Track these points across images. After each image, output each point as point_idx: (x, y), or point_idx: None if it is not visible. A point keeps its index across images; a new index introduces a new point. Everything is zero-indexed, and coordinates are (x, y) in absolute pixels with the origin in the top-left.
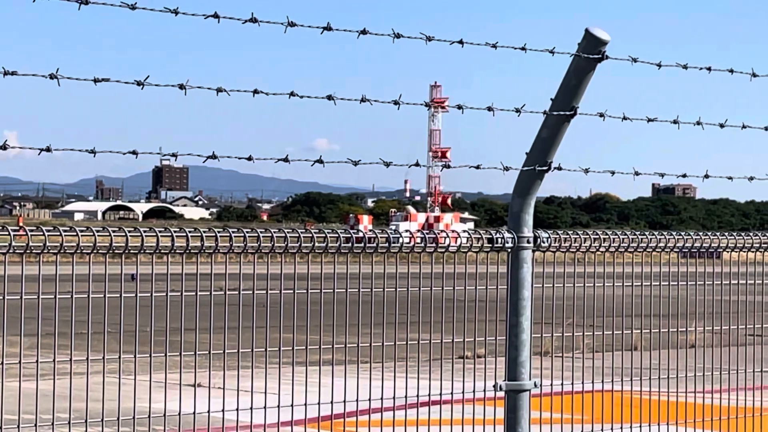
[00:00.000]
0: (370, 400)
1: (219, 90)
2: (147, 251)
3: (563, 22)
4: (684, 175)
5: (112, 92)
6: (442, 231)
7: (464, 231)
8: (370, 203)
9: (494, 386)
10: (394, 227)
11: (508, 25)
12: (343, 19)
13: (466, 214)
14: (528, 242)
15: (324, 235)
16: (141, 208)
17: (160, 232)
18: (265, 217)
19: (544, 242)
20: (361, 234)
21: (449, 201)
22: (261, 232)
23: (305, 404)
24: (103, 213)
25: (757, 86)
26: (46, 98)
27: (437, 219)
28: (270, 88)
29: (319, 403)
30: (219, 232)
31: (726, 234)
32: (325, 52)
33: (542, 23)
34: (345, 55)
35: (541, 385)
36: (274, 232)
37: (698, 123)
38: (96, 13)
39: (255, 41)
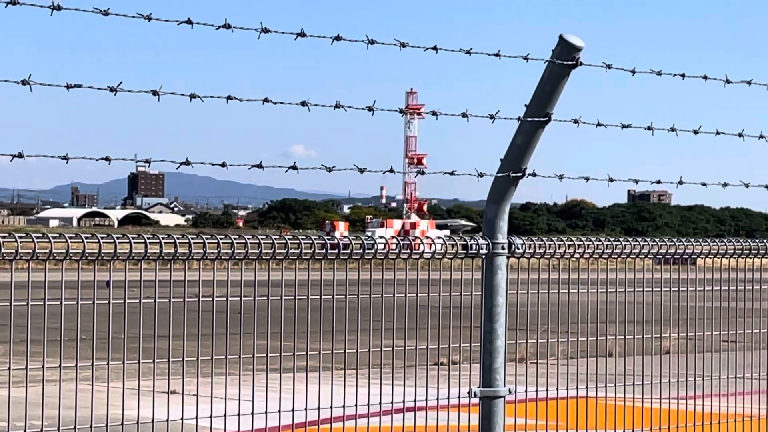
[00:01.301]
0: (344, 407)
1: (192, 96)
2: (120, 258)
3: (538, 28)
4: (658, 182)
5: (87, 98)
6: (416, 237)
7: (439, 237)
8: (346, 210)
9: (469, 393)
10: (370, 233)
11: (482, 32)
12: (318, 26)
13: (464, 221)
14: (502, 249)
15: (298, 241)
16: (116, 214)
17: (133, 238)
18: (240, 224)
19: (518, 249)
20: (335, 240)
21: (425, 207)
22: (235, 238)
23: (279, 411)
24: (79, 219)
25: (730, 93)
26: (20, 104)
27: (413, 225)
28: (244, 94)
29: (293, 410)
30: (193, 238)
31: (701, 240)
32: (299, 57)
33: (517, 29)
34: (320, 61)
35: (515, 392)
36: (248, 238)
37: (672, 129)
38: (69, 19)
39: (229, 47)
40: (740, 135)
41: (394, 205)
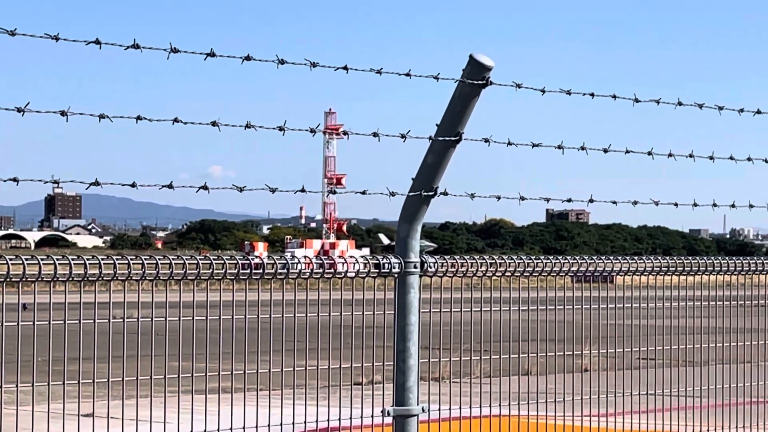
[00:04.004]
0: (257, 427)
1: (101, 116)
2: (29, 279)
3: (449, 50)
4: (569, 200)
5: None
6: (329, 257)
7: (351, 257)
8: (265, 230)
9: (382, 412)
10: (289, 254)
11: (394, 53)
12: (228, 47)
13: (425, 241)
14: (415, 267)
15: (209, 262)
16: (33, 236)
17: (43, 260)
18: (159, 245)
19: (430, 267)
20: (247, 260)
21: (344, 227)
22: (145, 259)
23: (205, 431)
24: None
25: (639, 112)
26: None
27: (333, 245)
28: (154, 115)
29: (205, 431)
30: (103, 259)
31: (619, 258)
32: (210, 78)
33: (429, 51)
34: (232, 83)
35: (429, 410)
36: (159, 259)
37: (582, 148)
38: None
39: (140, 68)
40: (649, 153)
41: (313, 225)
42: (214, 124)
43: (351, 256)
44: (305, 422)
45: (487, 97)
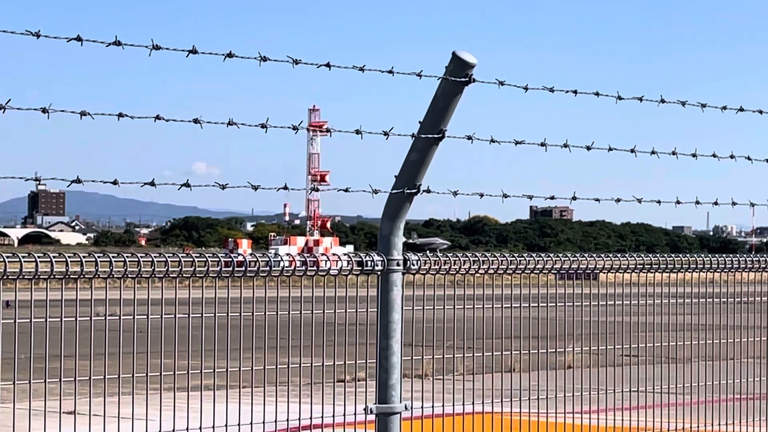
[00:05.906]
0: (239, 425)
1: (83, 114)
2: (10, 277)
3: (433, 49)
4: (552, 197)
5: None
6: (311, 255)
7: (334, 254)
8: (249, 227)
9: (365, 409)
10: (273, 251)
11: (379, 52)
12: (211, 43)
13: (439, 240)
14: (398, 265)
15: (192, 259)
16: (17, 233)
17: (23, 257)
18: (143, 242)
19: (413, 265)
20: (229, 258)
21: (329, 224)
22: (127, 256)
23: (187, 429)
24: None
25: (623, 113)
26: None
27: (317, 243)
28: (136, 112)
29: (187, 429)
30: (84, 257)
31: (602, 255)
32: (193, 76)
33: (413, 50)
34: (216, 80)
35: (411, 408)
36: (141, 256)
37: (565, 146)
38: None
39: (121, 64)
40: (632, 151)
41: (297, 222)
42: (196, 121)
43: (334, 254)
44: (288, 420)
45: (470, 96)
